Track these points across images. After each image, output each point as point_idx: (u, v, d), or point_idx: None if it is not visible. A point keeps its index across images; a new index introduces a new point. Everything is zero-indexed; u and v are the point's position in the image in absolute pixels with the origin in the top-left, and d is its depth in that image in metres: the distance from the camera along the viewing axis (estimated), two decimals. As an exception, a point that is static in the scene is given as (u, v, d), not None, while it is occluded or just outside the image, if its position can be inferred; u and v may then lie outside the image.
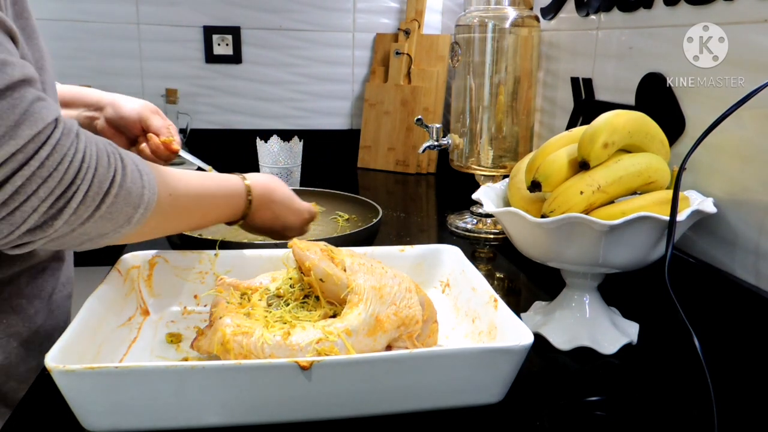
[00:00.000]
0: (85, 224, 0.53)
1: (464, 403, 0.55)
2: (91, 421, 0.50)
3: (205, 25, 1.67)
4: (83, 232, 0.54)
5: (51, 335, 0.71)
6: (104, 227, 0.55)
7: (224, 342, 0.55)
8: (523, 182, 0.73)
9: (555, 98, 1.18)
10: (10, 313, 0.67)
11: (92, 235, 0.55)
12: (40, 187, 0.49)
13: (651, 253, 0.66)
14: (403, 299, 0.59)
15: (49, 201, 0.50)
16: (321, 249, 0.62)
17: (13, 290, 0.68)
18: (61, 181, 0.50)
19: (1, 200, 0.48)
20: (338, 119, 1.81)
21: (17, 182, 0.48)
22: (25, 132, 0.48)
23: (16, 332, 0.68)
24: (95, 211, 0.53)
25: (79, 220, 0.53)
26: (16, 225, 0.50)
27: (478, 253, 1.04)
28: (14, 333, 0.67)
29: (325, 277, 0.59)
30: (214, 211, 0.71)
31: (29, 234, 0.51)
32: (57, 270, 0.74)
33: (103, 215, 0.54)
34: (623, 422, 0.59)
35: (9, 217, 0.49)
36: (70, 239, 0.54)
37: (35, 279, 0.71)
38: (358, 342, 0.55)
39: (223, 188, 0.71)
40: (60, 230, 0.52)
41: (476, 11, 1.13)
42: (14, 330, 0.67)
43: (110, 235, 0.57)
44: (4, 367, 0.67)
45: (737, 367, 0.67)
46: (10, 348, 0.67)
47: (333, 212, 1.07)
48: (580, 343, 0.70)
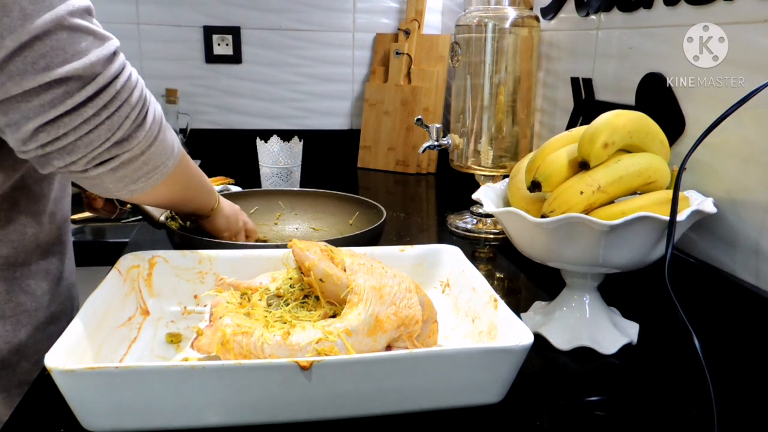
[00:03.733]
0: (152, 146, 0.60)
1: (464, 403, 0.55)
2: (91, 421, 0.50)
3: (205, 25, 1.67)
4: (145, 161, 0.60)
5: (59, 318, 0.75)
6: (156, 159, 0.62)
7: (224, 342, 0.55)
8: (523, 182, 0.73)
9: (555, 98, 1.18)
10: (20, 293, 0.70)
11: (145, 169, 0.61)
12: (130, 95, 0.57)
13: (651, 253, 0.66)
14: (403, 299, 0.59)
15: (137, 110, 0.57)
16: (321, 249, 0.62)
17: (24, 271, 0.70)
18: (141, 96, 0.58)
19: (103, 103, 0.54)
20: (338, 119, 1.81)
21: (117, 86, 0.55)
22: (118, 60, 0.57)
23: (25, 311, 0.71)
24: (158, 133, 0.61)
25: (151, 137, 0.60)
26: (112, 130, 0.56)
27: (478, 253, 1.04)
28: (24, 311, 0.71)
29: (324, 277, 0.59)
30: (200, 193, 0.79)
31: (117, 146, 0.57)
32: (62, 254, 0.77)
33: (160, 142, 0.61)
34: (623, 422, 0.59)
35: (107, 121, 0.55)
36: (132, 168, 0.60)
37: (44, 260, 0.73)
38: (358, 342, 0.55)
39: (205, 178, 0.81)
40: (138, 146, 0.58)
41: (476, 11, 1.13)
42: (24, 308, 0.71)
43: (152, 175, 0.62)
44: (16, 346, 0.70)
45: (737, 367, 0.67)
46: (20, 326, 0.70)
47: (336, 214, 1.06)
48: (580, 343, 0.70)
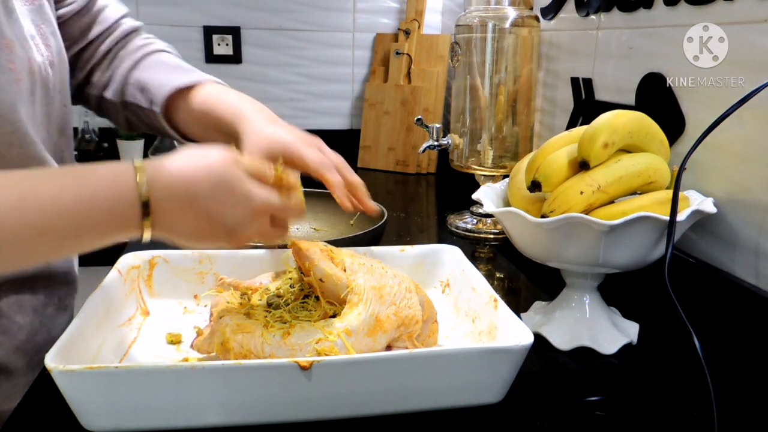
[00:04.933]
0: None
1: (464, 403, 0.55)
2: (91, 421, 0.50)
3: (205, 25, 1.67)
4: None
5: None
6: None
7: (224, 342, 0.55)
8: (523, 182, 0.73)
9: (555, 98, 1.18)
10: None
11: None
12: None
13: (651, 253, 0.66)
14: (403, 299, 0.59)
15: None
16: (321, 249, 0.62)
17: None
18: None
19: None
20: (338, 119, 1.81)
21: None
22: None
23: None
24: None
25: None
26: None
27: (478, 253, 1.04)
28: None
29: (324, 277, 0.59)
30: (64, 230, 0.48)
31: None
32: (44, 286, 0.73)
33: None
34: (623, 422, 0.59)
35: None
36: None
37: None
38: (358, 342, 0.55)
39: (87, 190, 0.48)
40: None
41: (476, 11, 1.13)
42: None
43: None
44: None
45: (737, 367, 0.67)
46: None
47: (337, 214, 1.06)
48: (580, 343, 0.70)
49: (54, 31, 0.72)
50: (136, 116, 0.82)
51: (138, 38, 0.87)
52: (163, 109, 0.78)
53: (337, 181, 0.62)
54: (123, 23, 0.86)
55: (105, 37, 0.83)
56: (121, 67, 0.82)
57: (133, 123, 0.84)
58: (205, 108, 0.75)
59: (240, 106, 0.72)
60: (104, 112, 0.86)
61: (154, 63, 0.83)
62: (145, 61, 0.83)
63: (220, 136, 0.73)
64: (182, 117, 0.79)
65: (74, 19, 0.80)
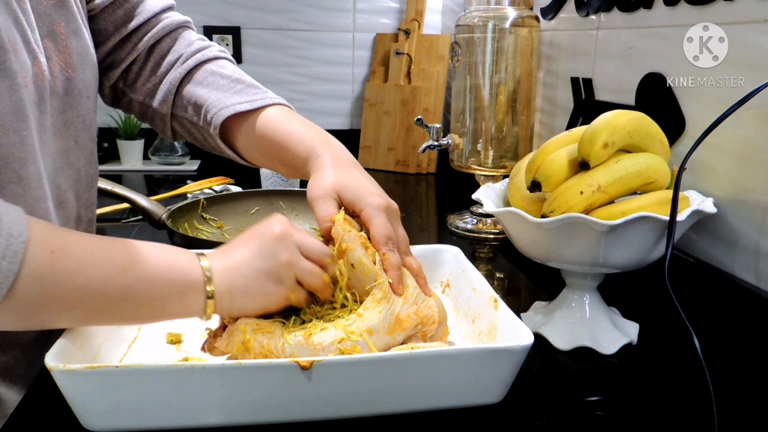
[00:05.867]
0: None
1: (464, 403, 0.55)
2: (91, 421, 0.50)
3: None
4: None
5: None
6: None
7: (245, 341, 0.54)
8: (523, 182, 0.73)
9: (555, 98, 1.18)
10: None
11: None
12: None
13: (651, 253, 0.66)
14: (424, 300, 0.60)
15: None
16: (361, 235, 0.60)
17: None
18: None
19: None
20: (338, 119, 1.81)
21: None
22: None
23: None
24: None
25: None
26: None
27: (478, 253, 1.04)
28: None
29: (357, 264, 0.57)
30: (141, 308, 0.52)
31: None
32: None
33: None
34: (623, 422, 0.59)
35: None
36: None
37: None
38: (378, 340, 0.55)
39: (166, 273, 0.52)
40: None
41: (476, 11, 1.13)
42: None
43: None
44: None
45: (737, 367, 0.67)
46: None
47: None
48: (580, 343, 0.70)
49: (77, 29, 0.65)
50: (186, 129, 0.77)
51: (186, 36, 0.78)
52: (220, 129, 0.73)
53: (395, 262, 0.59)
54: (166, 17, 0.76)
55: (144, 32, 0.75)
56: (170, 76, 0.75)
57: (180, 134, 0.79)
58: (269, 135, 0.71)
59: (312, 143, 0.68)
60: (148, 120, 0.80)
61: (210, 75, 0.75)
62: (200, 72, 0.76)
63: (285, 169, 0.72)
64: (242, 141, 0.74)
65: (107, 11, 0.72)
